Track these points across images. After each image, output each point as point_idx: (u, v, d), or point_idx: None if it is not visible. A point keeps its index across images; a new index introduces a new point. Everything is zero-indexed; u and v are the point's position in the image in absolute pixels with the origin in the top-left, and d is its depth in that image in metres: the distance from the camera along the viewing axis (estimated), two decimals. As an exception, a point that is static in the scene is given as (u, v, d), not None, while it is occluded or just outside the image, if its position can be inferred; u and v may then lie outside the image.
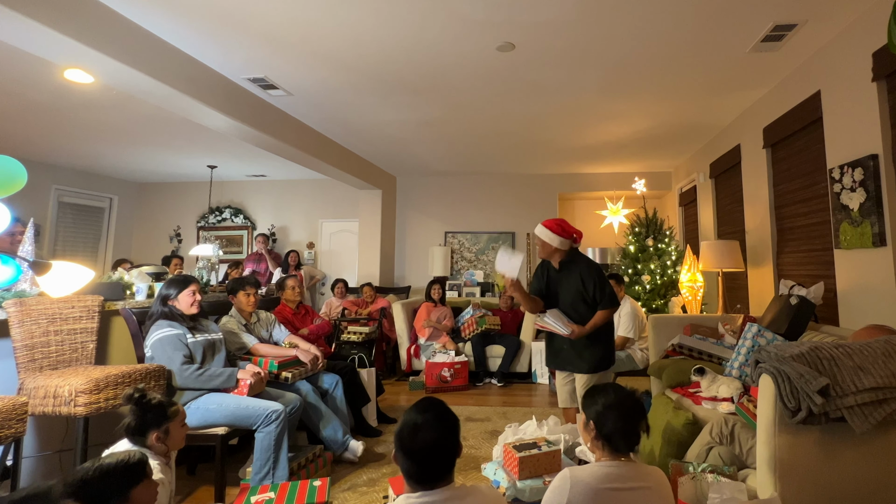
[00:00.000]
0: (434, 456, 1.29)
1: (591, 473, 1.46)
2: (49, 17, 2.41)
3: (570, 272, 2.80)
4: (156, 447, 1.76)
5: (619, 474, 1.46)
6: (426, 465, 1.28)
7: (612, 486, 1.43)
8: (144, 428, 1.76)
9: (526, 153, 6.13)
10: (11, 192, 2.13)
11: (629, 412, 1.54)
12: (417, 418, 1.31)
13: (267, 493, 2.08)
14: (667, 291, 5.16)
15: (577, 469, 1.50)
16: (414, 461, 1.28)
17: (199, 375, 2.43)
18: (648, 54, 3.33)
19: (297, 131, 4.78)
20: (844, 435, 1.54)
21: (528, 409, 4.08)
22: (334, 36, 3.11)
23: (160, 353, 2.44)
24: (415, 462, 1.28)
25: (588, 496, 1.40)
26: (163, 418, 1.79)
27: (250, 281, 3.17)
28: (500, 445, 2.56)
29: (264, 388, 2.63)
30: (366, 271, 6.89)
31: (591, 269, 2.78)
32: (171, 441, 1.81)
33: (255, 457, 2.41)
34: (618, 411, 1.53)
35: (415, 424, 1.30)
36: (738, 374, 2.74)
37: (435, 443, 1.28)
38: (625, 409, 1.54)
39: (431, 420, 1.31)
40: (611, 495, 1.41)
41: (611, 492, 1.42)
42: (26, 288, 2.52)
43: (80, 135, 5.38)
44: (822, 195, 3.27)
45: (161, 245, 7.91)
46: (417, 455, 1.28)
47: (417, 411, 1.34)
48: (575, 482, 1.42)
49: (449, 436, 1.32)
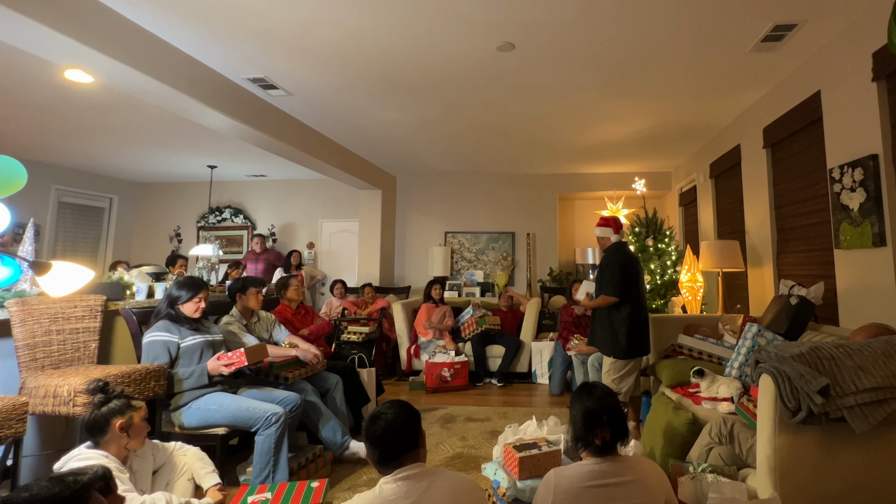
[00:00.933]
0: (391, 438, 1.44)
1: (574, 473, 1.51)
2: (49, 17, 2.41)
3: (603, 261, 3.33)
4: (118, 440, 1.78)
5: (601, 471, 1.50)
6: (385, 448, 1.44)
7: (593, 483, 1.47)
8: (109, 416, 1.78)
9: (526, 153, 6.12)
10: (11, 192, 2.13)
11: (595, 418, 1.55)
12: (378, 410, 1.51)
13: (264, 494, 2.07)
14: (667, 291, 5.15)
15: (562, 469, 1.54)
16: (375, 446, 1.45)
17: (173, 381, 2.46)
18: (648, 54, 3.33)
19: (297, 131, 4.78)
20: (844, 435, 1.54)
21: (528, 409, 4.08)
22: (334, 36, 3.11)
23: (145, 355, 2.48)
24: (376, 447, 1.45)
25: (570, 495, 1.45)
26: (126, 406, 1.82)
27: (257, 281, 3.18)
28: (500, 445, 2.55)
29: (267, 355, 2.63)
30: (366, 271, 6.89)
31: (604, 259, 3.30)
32: (133, 433, 1.82)
33: (255, 459, 2.41)
34: (585, 417, 1.57)
35: (375, 414, 1.49)
36: (738, 374, 2.74)
37: (389, 425, 1.45)
38: (592, 415, 1.56)
39: (388, 409, 1.50)
40: (592, 493, 1.46)
41: (592, 489, 1.46)
42: (26, 288, 2.53)
43: (80, 135, 5.38)
44: (822, 195, 3.27)
45: (161, 245, 7.91)
46: (378, 440, 1.44)
47: (380, 406, 1.53)
48: (559, 481, 1.48)
49: (405, 421, 1.48)
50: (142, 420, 1.88)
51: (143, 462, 1.96)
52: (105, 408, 1.80)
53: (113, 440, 1.78)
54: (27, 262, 1.98)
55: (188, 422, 2.44)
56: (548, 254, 7.24)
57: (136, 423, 1.85)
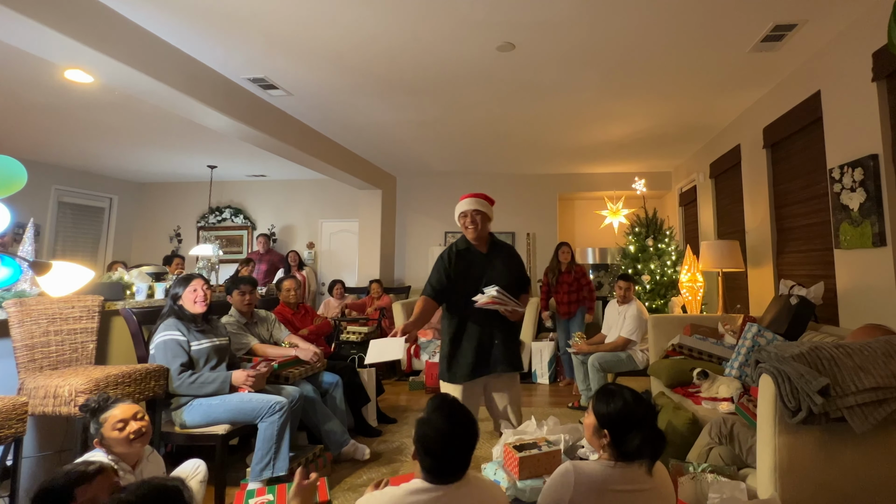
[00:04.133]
0: (456, 455, 1.32)
1: (595, 473, 1.42)
2: (49, 17, 2.40)
3: (500, 252, 2.60)
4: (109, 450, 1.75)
5: (623, 476, 1.42)
6: (448, 463, 1.32)
7: (616, 487, 1.39)
8: (93, 435, 1.76)
9: (526, 153, 6.12)
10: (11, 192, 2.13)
11: (646, 422, 1.43)
12: (443, 423, 1.34)
13: (265, 496, 2.07)
14: (667, 291, 5.16)
15: (581, 465, 1.46)
16: (436, 459, 1.31)
17: (192, 382, 2.44)
18: (648, 54, 3.33)
19: (297, 131, 4.78)
20: (844, 435, 1.54)
21: (528, 409, 4.07)
22: (334, 36, 3.11)
23: (161, 356, 2.46)
24: (437, 460, 1.31)
25: (592, 496, 1.37)
26: (97, 425, 1.74)
27: (245, 280, 3.16)
28: (500, 445, 2.55)
29: (264, 386, 2.64)
30: (366, 271, 6.89)
31: (510, 248, 2.68)
32: (109, 445, 1.74)
33: (256, 447, 2.43)
34: (638, 424, 1.42)
35: (442, 428, 1.33)
36: (738, 373, 2.74)
37: (470, 438, 1.33)
38: (645, 422, 1.43)
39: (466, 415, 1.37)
40: (615, 497, 1.38)
41: (615, 493, 1.38)
42: (26, 288, 2.52)
43: (80, 135, 5.38)
44: (822, 195, 3.27)
45: (161, 245, 7.91)
46: (442, 454, 1.31)
47: (443, 415, 1.37)
48: (580, 478, 1.39)
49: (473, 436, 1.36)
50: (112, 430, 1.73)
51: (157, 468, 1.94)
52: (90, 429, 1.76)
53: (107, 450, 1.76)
54: (27, 262, 1.98)
55: (190, 419, 2.44)
56: (548, 254, 7.22)
57: (107, 436, 1.73)
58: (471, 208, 2.50)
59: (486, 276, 2.48)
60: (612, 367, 3.97)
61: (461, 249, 2.54)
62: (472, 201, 2.52)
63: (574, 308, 4.93)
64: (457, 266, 2.49)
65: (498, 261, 2.55)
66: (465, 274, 2.48)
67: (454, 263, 2.50)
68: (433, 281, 2.50)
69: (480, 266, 2.52)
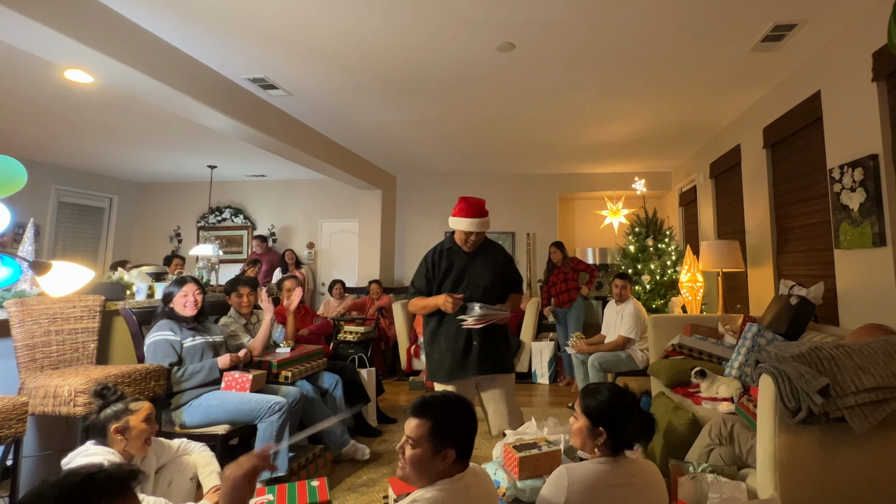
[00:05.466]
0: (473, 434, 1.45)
1: (587, 472, 1.49)
2: (49, 17, 2.40)
3: (484, 251, 2.62)
4: (118, 443, 1.75)
5: (613, 471, 1.49)
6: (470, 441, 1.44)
7: (607, 483, 1.46)
8: (105, 421, 1.76)
9: (526, 153, 6.12)
10: (11, 192, 2.13)
11: (635, 406, 1.59)
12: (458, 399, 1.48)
13: (265, 496, 2.07)
14: (667, 291, 5.16)
15: (574, 466, 1.52)
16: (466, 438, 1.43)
17: (181, 377, 2.45)
18: (648, 54, 3.33)
19: (297, 131, 4.78)
20: (844, 435, 1.54)
21: (528, 409, 4.07)
22: (335, 36, 3.11)
23: (151, 356, 2.47)
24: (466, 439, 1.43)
25: (585, 494, 1.44)
26: (123, 411, 1.78)
27: (244, 282, 3.16)
28: (500, 445, 2.55)
29: (264, 384, 2.64)
30: (366, 271, 6.88)
31: (502, 250, 2.74)
32: (130, 436, 1.77)
33: (256, 447, 2.42)
34: (629, 410, 1.56)
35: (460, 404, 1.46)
36: (738, 373, 2.74)
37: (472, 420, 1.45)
38: (635, 406, 1.58)
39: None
40: (606, 492, 1.45)
41: (606, 488, 1.45)
42: (26, 288, 2.52)
43: (80, 135, 5.38)
44: (822, 195, 3.27)
45: (161, 245, 7.90)
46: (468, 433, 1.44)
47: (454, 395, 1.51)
48: (573, 480, 1.46)
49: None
50: (141, 422, 1.82)
51: (147, 461, 1.95)
52: (102, 413, 1.78)
53: (114, 442, 1.77)
54: (27, 262, 1.98)
55: (189, 420, 2.45)
56: (548, 254, 7.23)
57: (133, 426, 1.79)
58: (476, 231, 2.51)
59: (466, 275, 2.53)
60: (611, 366, 3.98)
61: (446, 248, 2.60)
62: (480, 223, 2.50)
63: (574, 294, 5.09)
64: (439, 266, 2.55)
65: (479, 259, 2.57)
66: (446, 274, 2.53)
67: (437, 265, 2.56)
68: (417, 283, 2.59)
69: (461, 265, 2.55)
